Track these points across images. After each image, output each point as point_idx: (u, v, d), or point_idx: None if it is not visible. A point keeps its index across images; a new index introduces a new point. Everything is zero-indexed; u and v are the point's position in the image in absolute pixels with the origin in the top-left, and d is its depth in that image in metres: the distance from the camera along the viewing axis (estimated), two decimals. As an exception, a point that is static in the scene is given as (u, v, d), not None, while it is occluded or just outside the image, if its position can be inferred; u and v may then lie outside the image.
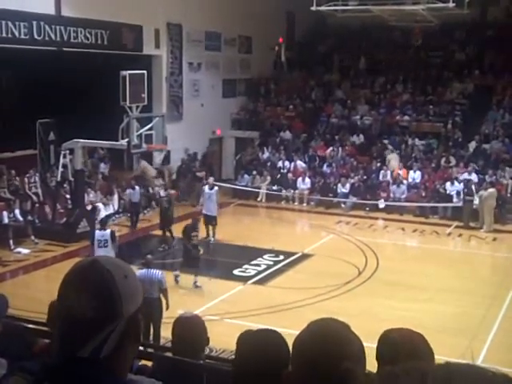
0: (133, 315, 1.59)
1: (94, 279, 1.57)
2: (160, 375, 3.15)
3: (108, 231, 13.78)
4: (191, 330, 3.79)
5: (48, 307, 4.34)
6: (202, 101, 25.77)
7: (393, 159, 23.88)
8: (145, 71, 18.70)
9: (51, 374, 1.51)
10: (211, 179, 19.50)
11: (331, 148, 25.16)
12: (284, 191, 23.95)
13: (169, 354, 4.04)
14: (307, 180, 23.79)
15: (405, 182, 22.76)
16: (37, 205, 19.14)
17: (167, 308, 11.00)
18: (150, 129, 18.38)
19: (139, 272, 11.30)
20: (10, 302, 3.90)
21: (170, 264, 16.20)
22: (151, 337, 10.52)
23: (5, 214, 17.48)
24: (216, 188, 18.66)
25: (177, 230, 20.29)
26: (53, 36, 19.14)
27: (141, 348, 3.24)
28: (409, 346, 2.29)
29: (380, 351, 2.35)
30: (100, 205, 20.34)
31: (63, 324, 1.56)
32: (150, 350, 4.86)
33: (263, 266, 16.13)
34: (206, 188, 18.67)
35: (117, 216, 20.95)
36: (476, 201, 20.56)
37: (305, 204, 23.52)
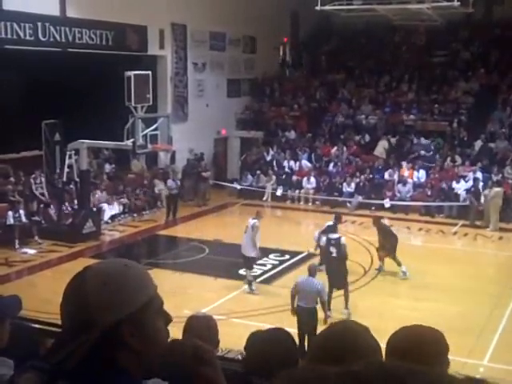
0: (114, 325, 1.50)
1: (70, 288, 1.56)
2: (165, 374, 3.15)
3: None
4: (203, 330, 3.78)
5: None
6: (206, 101, 25.79)
7: (380, 145, 24.11)
8: (149, 71, 18.75)
9: (66, 372, 1.51)
10: None
11: (336, 147, 25.15)
12: (289, 191, 23.96)
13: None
14: (312, 179, 23.78)
15: (410, 181, 22.76)
16: (42, 205, 19.19)
17: (325, 319, 10.91)
18: (155, 129, 18.41)
19: (300, 279, 11.17)
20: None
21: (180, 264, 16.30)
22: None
23: (10, 214, 17.56)
24: None
25: (181, 231, 20.39)
26: (58, 37, 19.19)
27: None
28: (417, 346, 2.11)
29: (386, 350, 2.20)
30: (105, 205, 20.39)
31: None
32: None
33: (269, 266, 16.15)
34: None
35: (122, 216, 21.00)
36: (482, 200, 20.54)
37: (310, 203, 23.51)
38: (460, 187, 21.80)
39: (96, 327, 1.49)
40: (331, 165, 24.61)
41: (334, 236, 13.27)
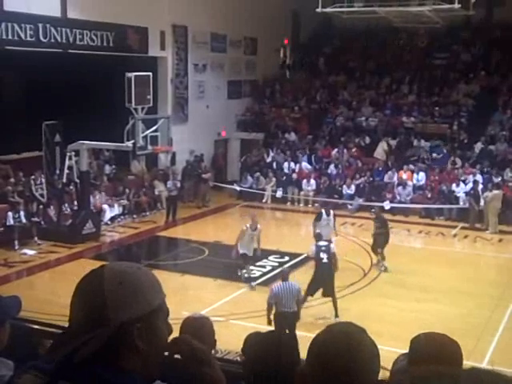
0: (126, 322, 1.53)
1: (86, 284, 1.57)
2: (165, 376, 3.15)
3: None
4: (199, 331, 3.77)
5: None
6: (207, 102, 25.79)
7: (380, 147, 24.22)
8: (150, 73, 18.74)
9: (67, 373, 1.51)
10: None
11: (336, 149, 25.15)
12: (289, 193, 23.95)
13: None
14: (312, 181, 23.79)
15: (410, 183, 22.75)
16: (42, 206, 19.18)
17: (298, 319, 10.98)
18: (156, 130, 18.40)
19: (277, 286, 11.03)
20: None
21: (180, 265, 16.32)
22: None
23: (10, 214, 17.57)
24: None
25: (181, 232, 20.40)
26: (58, 38, 19.18)
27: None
28: (440, 350, 2.25)
29: (410, 354, 2.34)
30: (105, 206, 20.39)
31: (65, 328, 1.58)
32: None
33: (268, 268, 16.14)
34: None
35: (122, 218, 21.00)
36: (481, 202, 20.55)
37: (310, 205, 23.51)
38: (460, 190, 21.79)
39: (109, 325, 1.50)
40: (331, 167, 24.60)
41: (323, 243, 13.12)
